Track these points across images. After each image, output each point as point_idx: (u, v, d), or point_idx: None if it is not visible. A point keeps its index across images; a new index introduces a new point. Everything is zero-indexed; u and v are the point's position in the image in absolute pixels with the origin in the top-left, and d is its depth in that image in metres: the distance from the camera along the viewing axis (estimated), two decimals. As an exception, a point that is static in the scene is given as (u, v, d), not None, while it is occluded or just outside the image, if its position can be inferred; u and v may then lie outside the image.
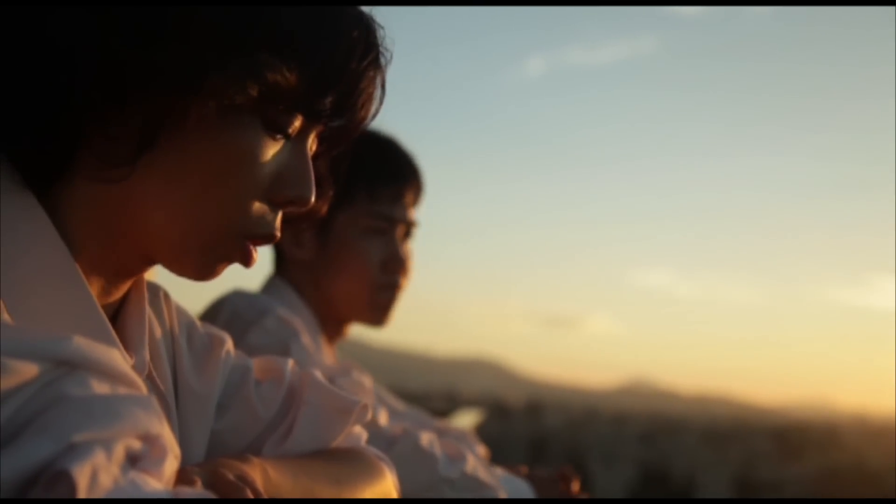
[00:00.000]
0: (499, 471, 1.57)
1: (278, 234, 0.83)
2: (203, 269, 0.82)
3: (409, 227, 1.66)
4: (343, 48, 0.80)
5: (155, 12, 0.73)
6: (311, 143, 0.85)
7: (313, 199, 0.83)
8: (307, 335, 1.50)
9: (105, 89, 0.73)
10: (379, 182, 1.61)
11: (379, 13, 0.85)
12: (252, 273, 0.86)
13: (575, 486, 1.63)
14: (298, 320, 1.53)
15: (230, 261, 0.82)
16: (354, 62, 0.81)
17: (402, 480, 1.01)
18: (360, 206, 1.60)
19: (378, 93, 0.85)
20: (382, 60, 0.84)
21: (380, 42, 0.84)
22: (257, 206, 0.80)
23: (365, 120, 0.86)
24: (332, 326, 1.67)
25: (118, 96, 0.74)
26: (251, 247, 0.81)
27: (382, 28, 0.84)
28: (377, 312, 1.65)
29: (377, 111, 0.86)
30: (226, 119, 0.77)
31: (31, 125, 0.75)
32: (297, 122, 0.81)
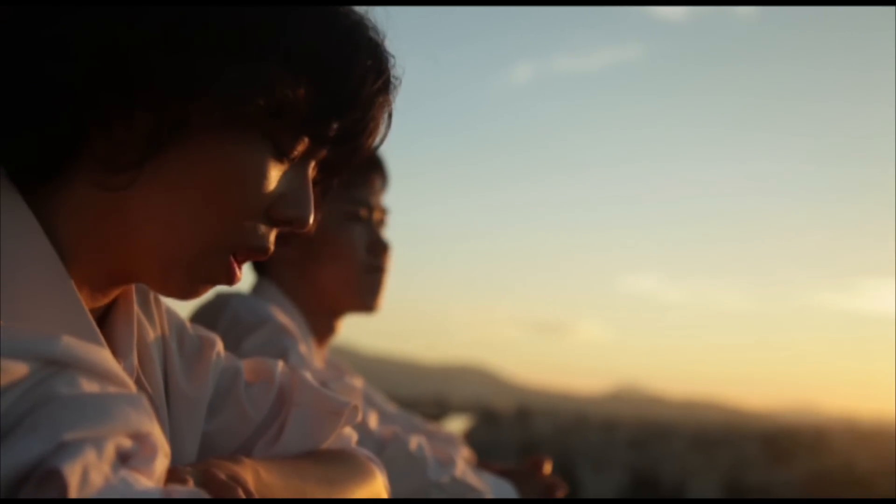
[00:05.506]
0: (486, 475, 1.58)
1: (272, 248, 0.82)
2: (187, 288, 0.81)
3: (383, 213, 1.69)
4: (356, 75, 0.79)
5: (165, 12, 0.73)
6: (312, 167, 0.84)
7: (311, 221, 0.83)
8: (304, 343, 1.49)
9: (108, 88, 0.72)
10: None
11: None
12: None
13: (544, 464, 1.66)
14: (295, 327, 1.52)
15: (214, 281, 0.81)
16: (366, 89, 0.80)
17: (392, 484, 1.02)
18: (336, 194, 1.62)
19: (385, 122, 0.85)
20: (392, 90, 0.84)
21: (390, 71, 0.83)
22: (251, 223, 0.80)
23: (370, 148, 0.85)
24: (323, 324, 1.67)
25: (122, 96, 0.73)
26: (234, 264, 0.80)
27: (393, 57, 0.84)
28: (369, 297, 1.67)
29: (382, 140, 0.86)
30: (232, 134, 0.76)
31: (29, 122, 0.74)
32: (303, 146, 0.80)
